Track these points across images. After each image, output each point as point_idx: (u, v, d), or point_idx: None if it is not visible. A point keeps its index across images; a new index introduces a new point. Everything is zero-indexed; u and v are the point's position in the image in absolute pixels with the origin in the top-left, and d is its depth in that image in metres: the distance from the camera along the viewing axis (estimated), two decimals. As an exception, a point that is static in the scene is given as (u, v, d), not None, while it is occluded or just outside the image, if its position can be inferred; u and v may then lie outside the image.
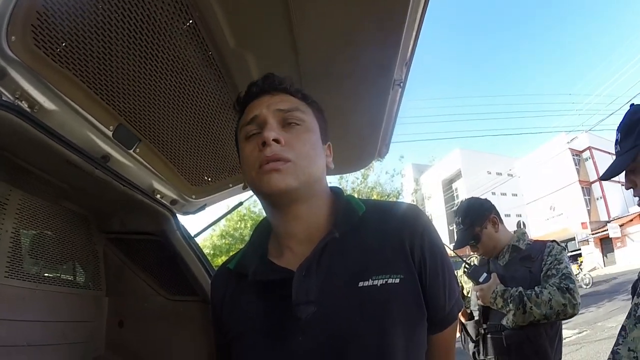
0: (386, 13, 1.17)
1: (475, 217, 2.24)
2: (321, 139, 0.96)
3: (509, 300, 1.93)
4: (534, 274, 2.02)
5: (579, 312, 1.89)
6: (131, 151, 1.55)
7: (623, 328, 1.12)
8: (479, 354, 2.16)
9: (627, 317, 1.11)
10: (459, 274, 2.52)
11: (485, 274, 2.12)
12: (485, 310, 2.13)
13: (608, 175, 1.33)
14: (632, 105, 1.30)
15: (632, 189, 1.28)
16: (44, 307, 1.70)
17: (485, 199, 2.41)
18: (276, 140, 0.84)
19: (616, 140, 1.31)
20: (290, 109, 0.90)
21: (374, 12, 1.16)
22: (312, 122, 0.94)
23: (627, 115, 1.28)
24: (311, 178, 0.87)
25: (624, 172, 1.28)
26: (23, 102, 1.14)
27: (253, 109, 0.91)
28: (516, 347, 1.97)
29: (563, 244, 2.15)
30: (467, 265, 2.31)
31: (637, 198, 1.29)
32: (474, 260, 2.41)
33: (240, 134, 0.93)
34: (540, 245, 2.11)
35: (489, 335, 2.09)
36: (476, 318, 2.23)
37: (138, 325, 2.00)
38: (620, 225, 26.00)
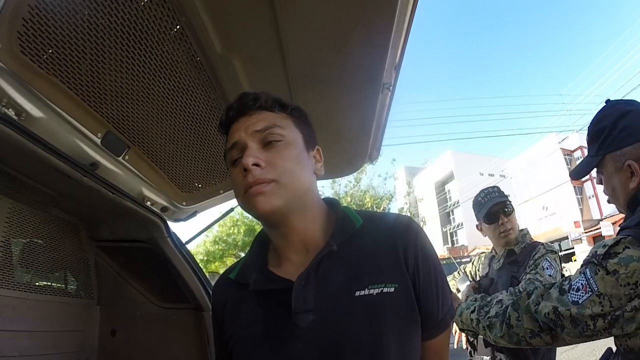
0: (374, 16, 1.17)
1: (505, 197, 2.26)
2: (306, 147, 0.96)
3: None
4: (515, 279, 2.04)
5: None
6: (120, 158, 1.54)
7: None
8: (474, 352, 2.17)
9: None
10: (453, 280, 2.53)
11: (467, 283, 2.17)
12: None
13: (575, 175, 1.40)
14: (607, 101, 1.32)
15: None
16: (35, 316, 1.69)
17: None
18: (256, 164, 0.85)
19: (587, 140, 1.35)
20: (267, 127, 0.90)
21: (362, 15, 1.17)
22: (293, 134, 0.94)
23: (593, 121, 1.31)
24: (297, 192, 0.88)
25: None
26: (10, 109, 1.13)
27: (233, 133, 0.93)
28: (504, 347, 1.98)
29: (555, 244, 2.15)
30: (459, 272, 2.36)
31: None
32: (482, 257, 2.41)
33: (226, 159, 0.95)
34: (531, 249, 2.12)
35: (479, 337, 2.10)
36: None
37: (130, 333, 1.99)
38: (613, 223, 26.09)
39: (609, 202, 1.32)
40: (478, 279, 2.31)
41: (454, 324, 2.26)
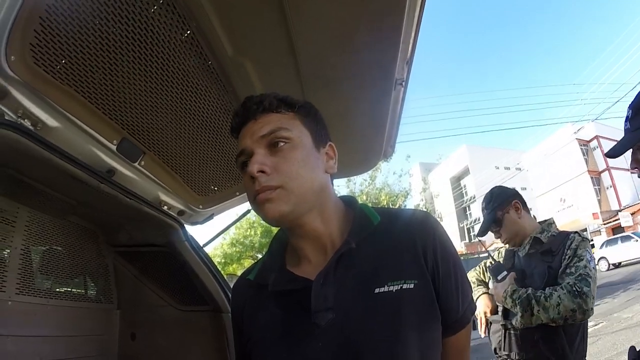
0: (384, 12, 1.16)
1: (498, 201, 2.23)
2: (315, 145, 0.94)
3: (517, 302, 1.90)
4: (553, 269, 1.96)
5: (594, 304, 1.84)
6: (136, 164, 1.55)
7: None
8: (500, 349, 2.14)
9: None
10: (475, 272, 2.50)
11: (505, 272, 2.09)
12: (505, 307, 2.11)
13: (615, 151, 1.28)
14: None
15: (637, 170, 1.26)
16: (56, 322, 1.71)
17: (512, 188, 2.39)
18: (262, 171, 0.85)
19: (626, 117, 1.27)
20: (272, 130, 0.89)
21: (372, 11, 1.15)
22: (300, 134, 0.92)
23: None
24: (306, 195, 0.87)
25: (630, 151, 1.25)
26: (26, 120, 1.15)
27: (241, 140, 0.93)
28: (532, 344, 1.94)
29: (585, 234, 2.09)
30: (492, 261, 2.29)
31: None
32: (502, 252, 2.38)
33: (238, 164, 0.95)
34: (563, 237, 2.04)
35: (511, 332, 2.07)
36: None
37: (150, 337, 2.01)
38: (632, 214, 25.73)
39: None
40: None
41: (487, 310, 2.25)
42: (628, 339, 6.79)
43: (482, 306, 2.26)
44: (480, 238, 2.34)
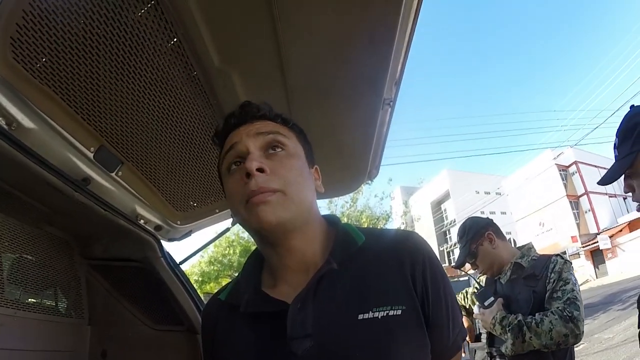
0: (375, 31, 1.15)
1: (471, 234, 2.24)
2: (307, 163, 0.91)
3: (507, 329, 1.88)
4: (538, 294, 1.95)
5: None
6: (113, 174, 1.49)
7: None
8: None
9: None
10: (462, 295, 2.49)
11: (492, 299, 2.07)
12: (490, 334, 2.09)
13: (606, 180, 1.29)
14: (631, 107, 1.27)
15: (630, 194, 1.26)
16: (24, 334, 1.63)
17: (486, 217, 2.40)
18: (260, 170, 0.79)
19: (614, 144, 1.28)
20: (271, 131, 0.86)
21: (363, 29, 1.14)
22: (296, 146, 0.90)
23: (625, 118, 1.25)
24: (303, 206, 0.83)
25: (622, 177, 1.26)
26: (0, 119, 1.09)
27: (232, 138, 0.88)
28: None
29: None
30: (477, 287, 2.28)
31: (636, 203, 1.26)
32: (482, 279, 2.37)
33: (222, 167, 0.89)
34: (544, 261, 2.04)
35: (497, 358, 2.04)
36: (483, 341, 2.18)
37: (121, 355, 1.92)
38: (610, 237, 26.28)
39: (639, 209, 1.25)
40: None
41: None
42: (609, 359, 6.85)
43: None
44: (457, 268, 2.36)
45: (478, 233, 2.22)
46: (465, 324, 2.27)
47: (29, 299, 1.77)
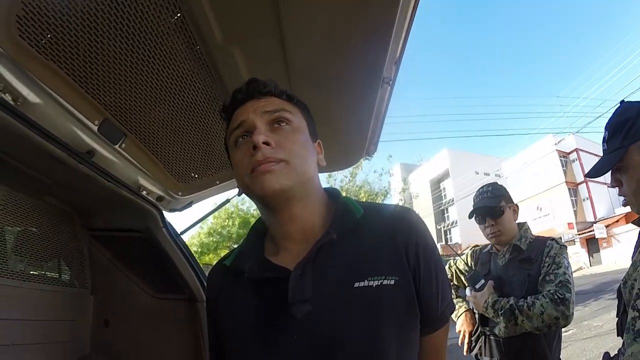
0: (376, 11, 1.16)
1: (506, 194, 2.25)
2: (310, 138, 0.96)
3: (499, 312, 1.93)
4: (532, 277, 1.99)
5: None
6: (116, 146, 1.52)
7: (623, 343, 1.10)
8: (481, 355, 2.16)
9: (625, 332, 1.08)
10: (449, 265, 2.50)
11: (482, 281, 2.10)
12: (483, 315, 2.12)
13: (594, 173, 1.31)
14: (621, 102, 1.29)
15: (617, 188, 1.28)
16: (28, 305, 1.68)
17: None
18: (266, 143, 0.84)
19: (604, 138, 1.29)
20: (277, 109, 0.90)
21: (365, 9, 1.16)
22: (300, 121, 0.94)
23: (616, 113, 1.27)
24: (304, 176, 0.88)
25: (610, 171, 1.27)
26: (6, 94, 1.12)
27: (240, 114, 0.92)
28: (514, 351, 1.98)
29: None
30: (466, 266, 2.32)
31: (622, 198, 1.28)
32: (476, 252, 2.39)
33: (229, 141, 0.93)
34: (540, 244, 2.08)
35: (491, 337, 2.09)
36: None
37: (124, 324, 1.98)
38: (607, 226, 26.37)
39: (625, 204, 1.26)
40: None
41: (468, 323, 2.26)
42: (597, 346, 6.96)
43: (464, 324, 2.27)
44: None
45: (510, 198, 2.23)
46: (468, 326, 2.29)
47: (33, 270, 1.82)
